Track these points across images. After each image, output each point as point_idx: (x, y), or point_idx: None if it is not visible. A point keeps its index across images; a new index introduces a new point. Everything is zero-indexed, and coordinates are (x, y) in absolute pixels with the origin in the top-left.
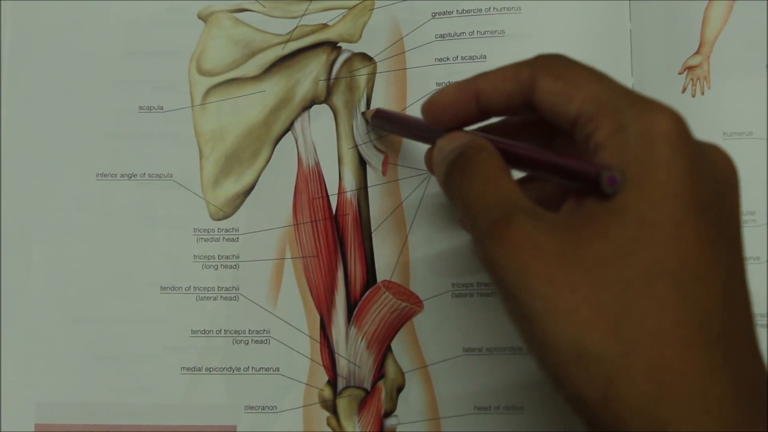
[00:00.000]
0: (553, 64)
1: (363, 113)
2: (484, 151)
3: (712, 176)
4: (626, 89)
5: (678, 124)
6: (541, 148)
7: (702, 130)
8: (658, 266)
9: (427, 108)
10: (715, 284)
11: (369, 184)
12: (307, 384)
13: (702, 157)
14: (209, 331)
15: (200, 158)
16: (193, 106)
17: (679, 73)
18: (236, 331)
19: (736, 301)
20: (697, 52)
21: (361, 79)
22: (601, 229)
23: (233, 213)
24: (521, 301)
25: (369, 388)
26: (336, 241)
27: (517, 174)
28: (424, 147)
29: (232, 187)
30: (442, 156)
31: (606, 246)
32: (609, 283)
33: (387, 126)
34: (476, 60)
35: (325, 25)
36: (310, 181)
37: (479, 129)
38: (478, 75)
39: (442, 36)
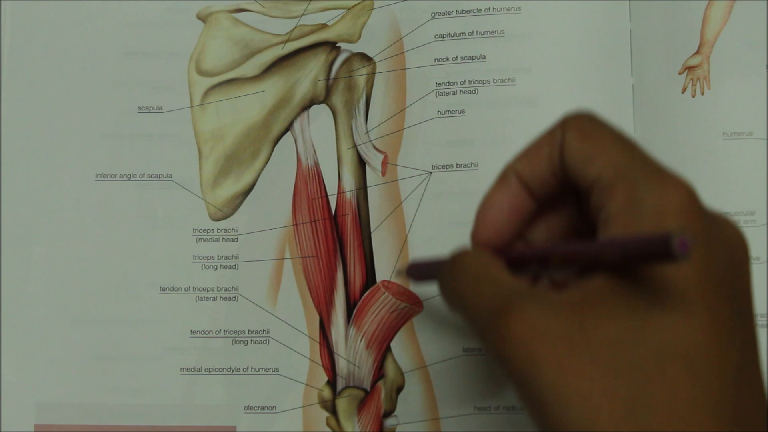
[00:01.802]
0: (582, 122)
1: (397, 272)
2: (473, 252)
3: (724, 251)
4: (646, 158)
5: (690, 198)
6: (587, 238)
7: (702, 131)
8: (668, 347)
9: (479, 227)
10: (727, 365)
11: (368, 184)
12: (306, 384)
13: (714, 232)
14: (209, 332)
15: (199, 159)
16: (192, 107)
17: (679, 74)
18: (235, 332)
19: (750, 380)
20: (697, 52)
21: (361, 79)
22: (609, 309)
23: (232, 213)
24: (530, 389)
25: (368, 389)
26: (335, 242)
27: None
28: (423, 147)
29: (231, 187)
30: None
31: (615, 327)
32: (619, 367)
33: (425, 274)
34: (476, 60)
35: (324, 25)
36: (309, 181)
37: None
38: (508, 164)
39: (441, 36)
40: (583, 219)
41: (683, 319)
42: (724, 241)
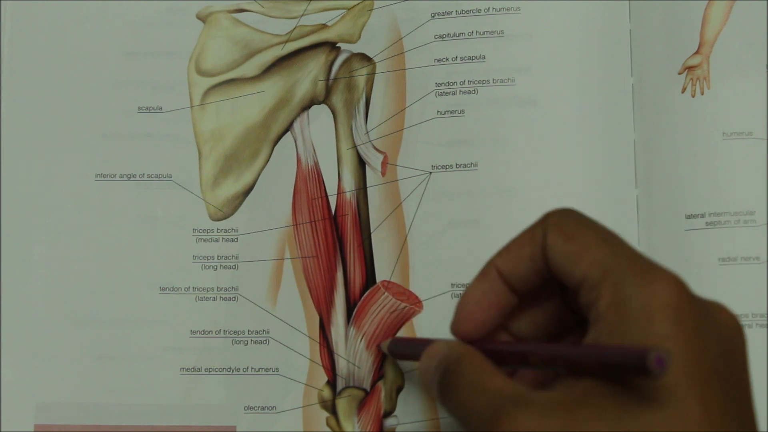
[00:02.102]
0: (563, 221)
1: (379, 346)
2: (464, 359)
3: (717, 339)
4: (632, 253)
5: (677, 294)
6: (573, 341)
7: (702, 130)
8: None
9: (459, 320)
10: None
11: (368, 185)
12: (306, 384)
13: (705, 322)
14: (208, 332)
15: (199, 159)
16: (192, 107)
17: (679, 73)
18: (235, 332)
19: None
20: (696, 52)
21: (361, 80)
22: (599, 409)
23: (232, 213)
24: None
25: (368, 389)
26: (335, 242)
27: None
28: (422, 147)
29: (231, 187)
30: (429, 378)
31: (605, 427)
32: None
33: (406, 352)
34: (475, 60)
35: (324, 26)
36: (309, 181)
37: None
38: (491, 259)
39: (441, 36)
40: (567, 309)
41: (674, 415)
42: (716, 328)
